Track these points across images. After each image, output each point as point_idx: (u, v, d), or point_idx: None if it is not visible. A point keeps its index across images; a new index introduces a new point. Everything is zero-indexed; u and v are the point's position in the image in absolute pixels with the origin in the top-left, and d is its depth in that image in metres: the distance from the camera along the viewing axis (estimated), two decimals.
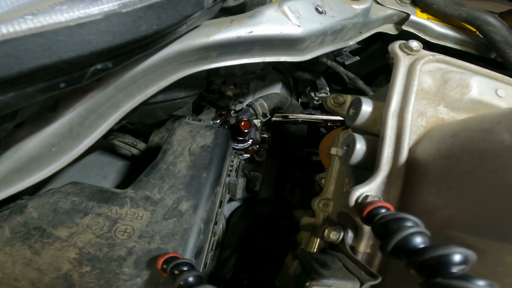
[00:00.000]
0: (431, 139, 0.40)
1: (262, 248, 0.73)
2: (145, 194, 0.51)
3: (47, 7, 0.27)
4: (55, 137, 0.41)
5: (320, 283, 0.36)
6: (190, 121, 0.63)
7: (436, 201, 0.36)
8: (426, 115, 0.43)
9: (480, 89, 0.45)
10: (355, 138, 0.44)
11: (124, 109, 0.47)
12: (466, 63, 0.46)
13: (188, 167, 0.55)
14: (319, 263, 0.40)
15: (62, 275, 0.44)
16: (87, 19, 0.29)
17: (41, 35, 0.26)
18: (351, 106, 0.50)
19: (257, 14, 0.50)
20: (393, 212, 0.32)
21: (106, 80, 0.42)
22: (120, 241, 0.47)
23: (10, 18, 0.25)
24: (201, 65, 0.51)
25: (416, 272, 0.25)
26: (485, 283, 0.22)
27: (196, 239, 0.49)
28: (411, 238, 0.27)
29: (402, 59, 0.45)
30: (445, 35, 0.73)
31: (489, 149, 0.32)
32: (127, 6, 0.32)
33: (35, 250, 0.45)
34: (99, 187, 0.52)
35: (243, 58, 0.52)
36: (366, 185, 0.39)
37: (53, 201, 0.49)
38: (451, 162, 0.36)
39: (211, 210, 0.53)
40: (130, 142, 0.72)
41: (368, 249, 0.40)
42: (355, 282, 0.37)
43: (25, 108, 0.33)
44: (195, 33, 0.47)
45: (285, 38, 0.49)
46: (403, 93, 0.43)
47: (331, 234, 0.43)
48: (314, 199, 0.55)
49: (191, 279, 0.38)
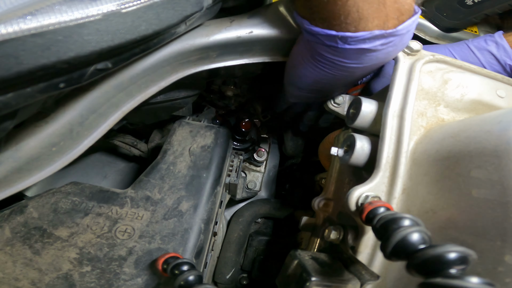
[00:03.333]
0: (431, 139, 0.40)
1: (262, 248, 0.73)
2: (145, 194, 0.51)
3: (47, 7, 0.27)
4: (55, 137, 0.42)
5: (320, 283, 0.36)
6: (190, 121, 0.63)
7: (436, 201, 0.36)
8: (426, 115, 0.43)
9: (480, 89, 0.45)
10: (355, 138, 0.44)
11: (124, 109, 0.47)
12: (466, 63, 0.46)
13: (188, 167, 0.55)
14: (319, 263, 0.40)
15: (63, 275, 0.44)
16: (86, 19, 0.29)
17: (41, 35, 0.27)
18: (351, 106, 0.50)
19: (257, 14, 0.50)
20: (393, 212, 0.32)
21: (106, 80, 0.42)
22: (120, 241, 0.47)
23: (10, 18, 0.25)
24: (201, 65, 0.51)
25: (416, 272, 0.25)
26: (485, 283, 0.22)
27: (196, 239, 0.49)
28: (411, 238, 0.27)
29: (402, 59, 0.45)
30: (445, 35, 0.73)
31: (489, 149, 0.32)
32: (127, 6, 0.32)
33: (36, 250, 0.45)
34: (99, 187, 0.52)
35: (243, 58, 0.52)
36: (366, 185, 0.39)
37: (54, 201, 0.49)
38: (451, 163, 0.36)
39: (211, 210, 0.53)
40: (130, 142, 0.72)
41: (368, 249, 0.40)
42: (355, 282, 0.37)
43: (25, 108, 0.33)
44: (195, 33, 0.47)
45: (285, 39, 0.49)
46: (403, 93, 0.43)
47: (331, 234, 0.43)
48: (314, 199, 0.55)
49: (191, 279, 0.38)
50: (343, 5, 0.35)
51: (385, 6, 0.36)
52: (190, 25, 0.44)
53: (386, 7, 0.36)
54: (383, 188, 0.40)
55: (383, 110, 0.43)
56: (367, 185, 0.39)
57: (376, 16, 0.36)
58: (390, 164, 0.40)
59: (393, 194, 0.39)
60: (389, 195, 0.40)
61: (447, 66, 0.46)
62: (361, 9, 0.35)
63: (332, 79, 0.46)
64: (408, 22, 0.38)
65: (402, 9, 0.37)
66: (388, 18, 0.37)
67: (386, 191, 0.40)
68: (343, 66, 0.42)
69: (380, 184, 0.40)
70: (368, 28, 0.37)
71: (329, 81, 0.47)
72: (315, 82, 0.49)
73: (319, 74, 0.46)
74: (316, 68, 0.45)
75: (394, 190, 0.39)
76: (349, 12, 0.35)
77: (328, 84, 0.49)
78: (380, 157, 0.41)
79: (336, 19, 0.37)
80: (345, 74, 0.45)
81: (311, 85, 0.50)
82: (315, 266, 0.39)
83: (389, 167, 0.40)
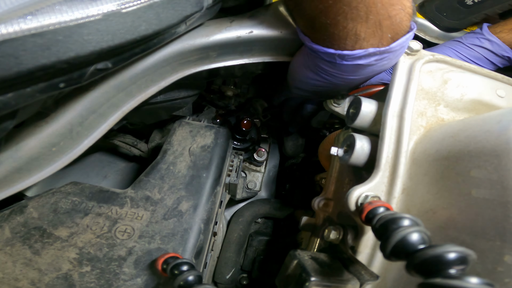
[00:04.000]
0: (431, 139, 0.40)
1: (262, 248, 0.73)
2: (145, 194, 0.51)
3: (47, 7, 0.27)
4: (55, 137, 0.42)
5: (320, 283, 0.36)
6: (190, 121, 0.63)
7: (436, 201, 0.36)
8: (426, 115, 0.43)
9: (480, 89, 0.45)
10: (355, 138, 0.44)
11: (124, 109, 0.47)
12: (466, 63, 0.46)
13: (188, 167, 0.55)
14: (319, 263, 0.40)
15: (62, 275, 0.44)
16: (86, 19, 0.29)
17: (41, 35, 0.27)
18: (351, 106, 0.50)
19: (257, 14, 0.50)
20: (392, 212, 0.32)
21: (106, 80, 0.42)
22: (120, 241, 0.47)
23: (10, 18, 0.25)
24: (201, 65, 0.51)
25: (415, 273, 0.25)
26: (485, 283, 0.22)
27: (196, 239, 0.49)
28: (410, 238, 0.27)
29: (402, 59, 0.45)
30: (445, 35, 0.73)
31: (489, 149, 0.32)
32: (127, 6, 0.32)
33: (35, 250, 0.45)
34: (99, 187, 0.52)
35: (243, 58, 0.52)
36: (366, 185, 0.39)
37: (54, 201, 0.49)
38: (451, 162, 0.36)
39: (211, 210, 0.53)
40: (130, 142, 0.72)
41: (368, 249, 0.40)
42: (355, 282, 0.38)
43: (25, 108, 0.33)
44: (195, 33, 0.47)
45: (285, 39, 0.49)
46: (403, 93, 0.43)
47: (331, 234, 0.43)
48: (314, 199, 0.55)
49: (191, 279, 0.38)
50: (343, 29, 0.38)
51: (381, 28, 0.38)
52: (190, 25, 0.44)
53: (382, 29, 0.39)
54: (382, 188, 0.40)
55: (383, 110, 0.43)
56: (366, 185, 0.39)
57: (372, 37, 0.39)
58: (389, 164, 0.40)
59: (392, 194, 0.39)
60: (388, 195, 0.40)
61: (447, 66, 0.46)
62: (359, 32, 0.38)
63: (331, 86, 0.50)
64: (401, 40, 0.41)
65: (397, 29, 0.40)
66: (383, 37, 0.40)
67: (385, 191, 0.40)
68: (341, 78, 0.46)
69: (379, 184, 0.40)
70: (364, 46, 0.40)
71: (329, 87, 0.51)
72: (316, 86, 0.52)
73: (318, 81, 0.49)
74: (316, 76, 0.48)
75: (394, 190, 0.39)
76: (348, 35, 0.39)
77: (328, 88, 0.52)
78: (380, 157, 0.41)
79: (336, 39, 0.40)
80: (343, 83, 0.49)
81: (312, 88, 0.53)
82: (314, 266, 0.39)
83: (389, 167, 0.40)
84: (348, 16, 0.36)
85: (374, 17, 0.37)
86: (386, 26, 0.38)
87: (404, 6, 0.38)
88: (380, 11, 0.36)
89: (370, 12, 0.36)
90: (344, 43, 0.40)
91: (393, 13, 0.37)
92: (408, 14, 0.40)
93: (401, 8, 0.38)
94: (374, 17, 0.37)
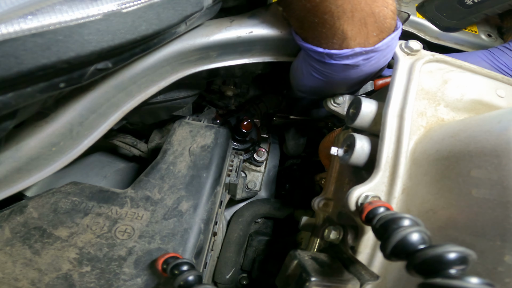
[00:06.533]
0: (431, 139, 0.40)
1: (262, 248, 0.73)
2: (145, 194, 0.51)
3: (47, 7, 0.27)
4: (55, 137, 0.42)
5: (320, 283, 0.36)
6: (190, 121, 0.63)
7: (436, 201, 0.36)
8: (426, 115, 0.43)
9: (480, 89, 0.45)
10: (355, 138, 0.44)
11: (124, 109, 0.47)
12: (466, 63, 0.46)
13: (188, 167, 0.55)
14: (319, 263, 0.40)
15: (62, 275, 0.44)
16: (87, 19, 0.29)
17: (41, 35, 0.27)
18: (351, 106, 0.50)
19: (257, 14, 0.50)
20: (392, 212, 0.32)
21: (106, 80, 0.42)
22: (120, 241, 0.47)
23: (10, 18, 0.25)
24: (201, 65, 0.51)
25: (415, 273, 0.25)
26: (485, 283, 0.22)
27: (196, 239, 0.49)
28: (411, 238, 0.27)
29: (402, 59, 0.45)
30: (445, 34, 0.73)
31: (489, 149, 0.32)
32: (127, 6, 0.32)
33: (35, 250, 0.45)
34: (99, 187, 0.52)
35: (243, 58, 0.52)
36: (366, 185, 0.39)
37: (53, 201, 0.49)
38: (451, 162, 0.36)
39: (211, 210, 0.53)
40: (130, 142, 0.72)
41: (368, 249, 0.40)
42: (354, 282, 0.38)
43: (25, 108, 0.33)
44: (195, 33, 0.47)
45: (285, 38, 0.49)
46: (403, 93, 0.43)
47: (331, 234, 0.43)
48: (314, 199, 0.55)
49: (191, 279, 0.38)
50: (330, 28, 0.40)
51: (366, 26, 0.40)
52: (190, 25, 0.44)
53: (367, 26, 0.40)
54: (383, 188, 0.40)
55: (383, 110, 0.43)
56: (367, 185, 0.39)
57: (358, 35, 0.40)
58: (390, 164, 0.40)
59: (393, 194, 0.39)
60: (389, 195, 0.40)
61: (447, 66, 0.46)
62: (346, 30, 0.40)
63: (327, 86, 0.51)
64: (387, 39, 0.42)
65: (382, 27, 0.41)
66: (368, 36, 0.41)
67: (386, 191, 0.40)
68: (333, 77, 0.47)
69: (380, 184, 0.40)
70: (351, 46, 0.41)
71: (325, 87, 0.52)
72: (312, 87, 0.53)
73: (314, 81, 0.50)
74: (311, 76, 0.49)
75: (394, 190, 0.39)
76: (335, 33, 0.40)
77: (325, 88, 0.53)
78: (380, 157, 0.41)
79: (324, 38, 0.42)
80: (337, 83, 0.50)
81: (310, 88, 0.54)
82: (314, 266, 0.39)
83: (389, 167, 0.40)
84: (335, 15, 0.38)
85: (359, 14, 0.38)
86: (371, 23, 0.39)
87: (387, 3, 0.39)
88: (364, 8, 0.38)
89: (355, 9, 0.38)
90: (332, 42, 0.41)
91: (376, 10, 0.39)
92: (392, 12, 0.41)
93: (383, 5, 0.39)
94: (359, 14, 0.38)
